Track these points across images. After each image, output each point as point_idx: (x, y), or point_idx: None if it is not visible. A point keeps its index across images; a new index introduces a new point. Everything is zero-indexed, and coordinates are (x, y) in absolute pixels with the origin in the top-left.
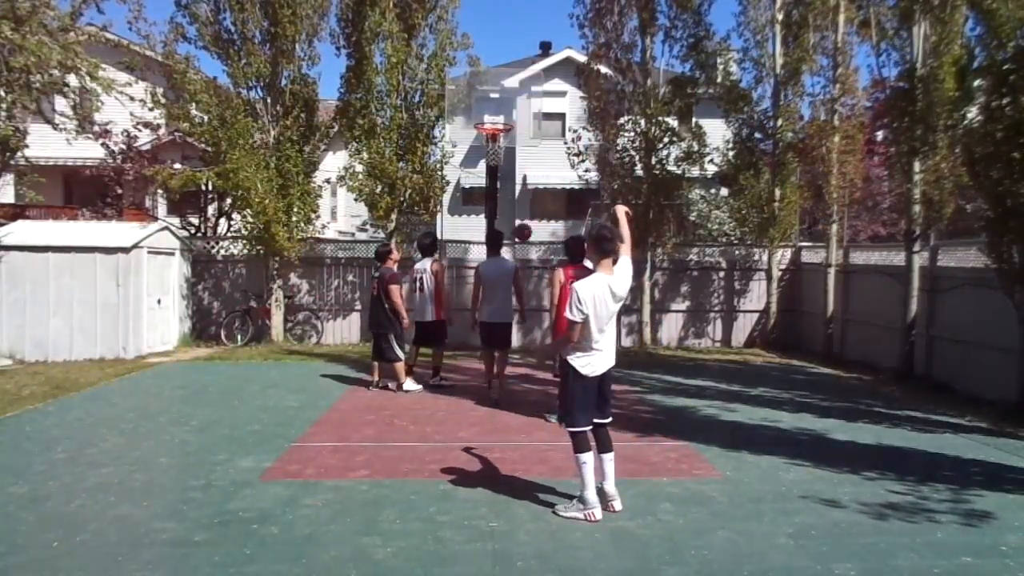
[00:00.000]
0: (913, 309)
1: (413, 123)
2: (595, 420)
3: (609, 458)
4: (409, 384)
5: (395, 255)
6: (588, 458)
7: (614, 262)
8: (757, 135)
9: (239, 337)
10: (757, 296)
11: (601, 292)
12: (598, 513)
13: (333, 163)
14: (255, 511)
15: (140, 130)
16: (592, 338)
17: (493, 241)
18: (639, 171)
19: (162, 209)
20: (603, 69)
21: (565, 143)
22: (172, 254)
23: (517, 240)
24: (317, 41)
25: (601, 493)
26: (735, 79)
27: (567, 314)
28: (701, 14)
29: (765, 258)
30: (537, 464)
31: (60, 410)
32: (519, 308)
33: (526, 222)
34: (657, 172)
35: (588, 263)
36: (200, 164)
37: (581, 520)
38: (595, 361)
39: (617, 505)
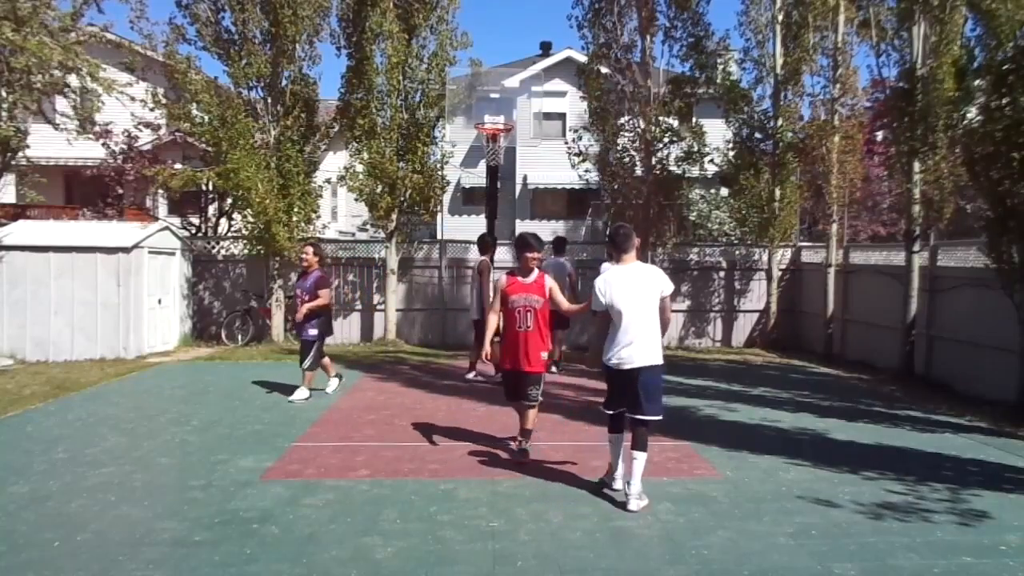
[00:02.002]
0: (913, 309)
1: (413, 123)
2: (627, 414)
3: (637, 457)
4: (303, 392)
5: (306, 256)
6: (612, 438)
7: (637, 257)
8: (757, 135)
9: (240, 337)
10: (757, 296)
11: (614, 282)
12: (617, 484)
13: (333, 163)
14: (256, 511)
15: (141, 130)
16: (618, 329)
17: (559, 245)
18: (639, 171)
19: (163, 209)
20: (603, 69)
21: (565, 143)
22: (173, 254)
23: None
24: (318, 41)
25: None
26: (735, 79)
27: (592, 305)
28: (700, 14)
29: (765, 258)
30: (537, 464)
31: (61, 410)
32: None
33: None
34: (657, 172)
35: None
36: (201, 164)
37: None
38: (621, 354)
39: (631, 505)
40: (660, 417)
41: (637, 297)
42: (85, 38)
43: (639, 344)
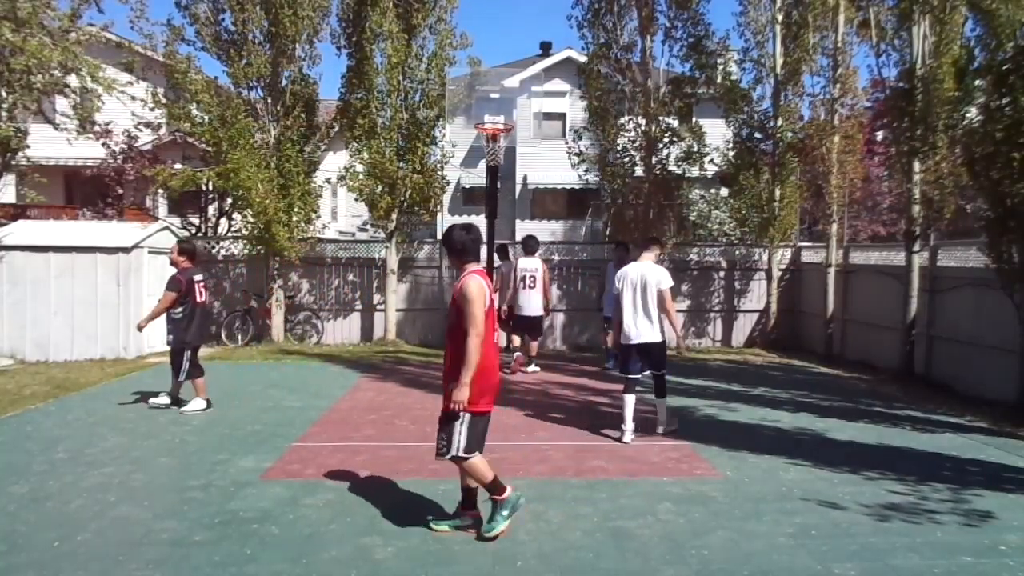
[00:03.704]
0: (913, 309)
1: (413, 123)
2: (650, 370)
3: (659, 403)
4: (163, 399)
5: (172, 256)
6: (626, 399)
7: (655, 258)
8: (757, 135)
9: (240, 337)
10: (757, 296)
11: (628, 274)
12: (626, 438)
13: (333, 163)
14: (256, 511)
15: (141, 130)
16: (624, 311)
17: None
18: (639, 171)
19: (163, 209)
20: (603, 69)
21: (565, 143)
22: None
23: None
24: (318, 41)
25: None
26: (735, 79)
27: (614, 289)
28: (700, 14)
29: (765, 258)
30: (537, 464)
31: (61, 410)
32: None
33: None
34: (657, 172)
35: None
36: (201, 164)
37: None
38: (628, 330)
39: (659, 429)
40: (665, 370)
41: (640, 288)
42: (85, 38)
43: (640, 324)
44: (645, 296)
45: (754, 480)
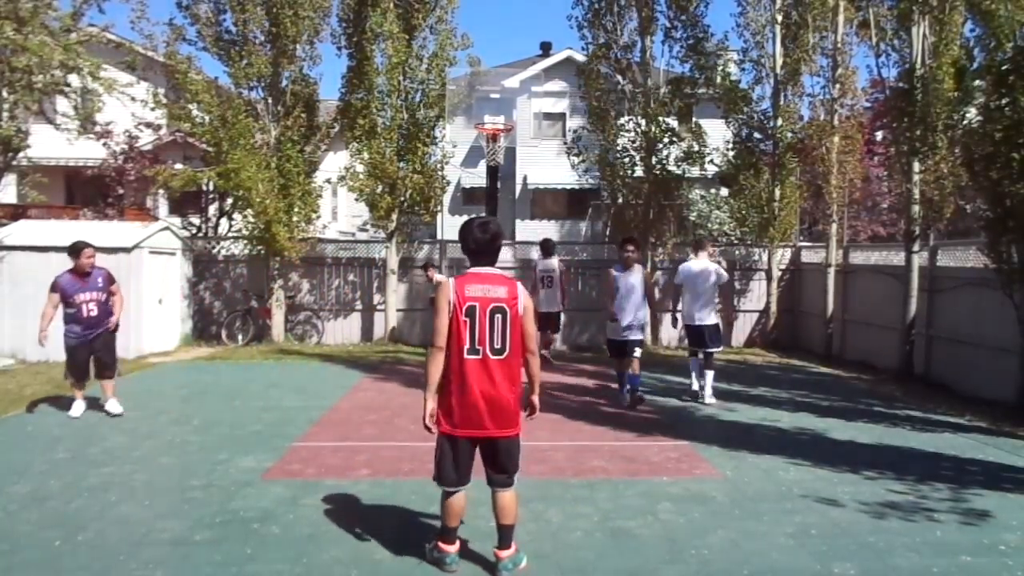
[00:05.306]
0: (912, 309)
1: (414, 123)
2: (704, 350)
3: (708, 374)
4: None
5: (90, 257)
6: (692, 362)
7: (708, 256)
8: (757, 135)
9: (240, 337)
10: (757, 296)
11: (689, 268)
12: (694, 385)
13: (334, 163)
14: (256, 510)
15: (142, 130)
16: (687, 299)
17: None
18: (639, 171)
19: (163, 209)
20: (603, 69)
21: (565, 143)
22: (173, 254)
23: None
24: (318, 41)
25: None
26: (735, 80)
27: (676, 280)
28: (699, 16)
29: (765, 258)
30: (537, 464)
31: (62, 409)
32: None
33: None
34: (657, 172)
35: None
36: (201, 164)
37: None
38: (687, 314)
39: (707, 400)
40: (721, 348)
41: (700, 280)
42: (86, 38)
43: (701, 310)
44: (707, 288)
45: (754, 480)
